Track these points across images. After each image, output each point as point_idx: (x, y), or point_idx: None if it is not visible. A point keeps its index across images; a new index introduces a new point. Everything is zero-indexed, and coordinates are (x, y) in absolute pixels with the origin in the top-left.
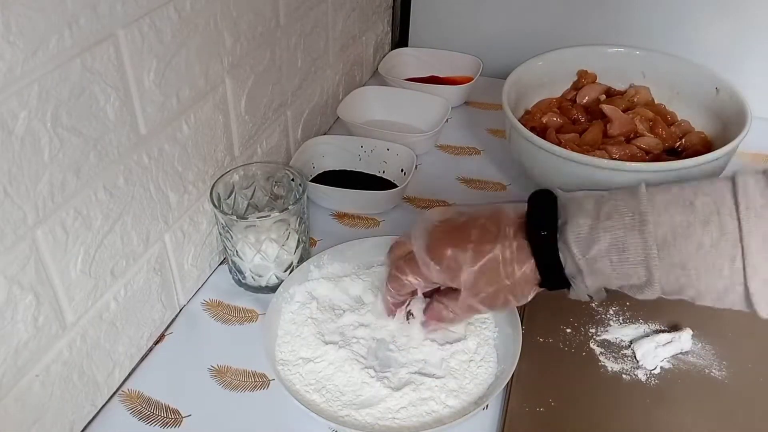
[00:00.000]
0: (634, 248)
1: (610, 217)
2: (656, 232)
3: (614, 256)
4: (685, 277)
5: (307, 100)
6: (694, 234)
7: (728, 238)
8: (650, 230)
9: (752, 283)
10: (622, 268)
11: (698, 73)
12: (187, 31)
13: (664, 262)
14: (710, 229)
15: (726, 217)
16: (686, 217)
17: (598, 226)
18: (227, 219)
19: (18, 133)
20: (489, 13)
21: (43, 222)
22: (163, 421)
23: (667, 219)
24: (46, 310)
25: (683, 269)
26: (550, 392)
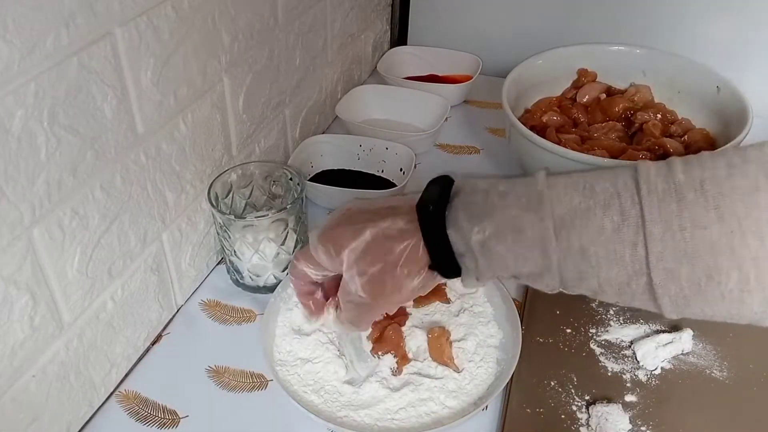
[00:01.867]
0: (530, 228)
1: (504, 197)
2: (553, 213)
3: (509, 236)
4: (585, 263)
5: (306, 98)
6: (594, 217)
7: (630, 223)
8: (547, 209)
9: (655, 272)
10: (517, 250)
11: (699, 72)
12: (184, 29)
13: (562, 246)
14: (611, 213)
15: (627, 200)
16: (585, 199)
17: (490, 202)
18: (225, 218)
19: (14, 132)
20: (488, 11)
21: (39, 221)
22: (160, 422)
23: (566, 201)
24: (42, 311)
25: (583, 255)
26: (549, 393)
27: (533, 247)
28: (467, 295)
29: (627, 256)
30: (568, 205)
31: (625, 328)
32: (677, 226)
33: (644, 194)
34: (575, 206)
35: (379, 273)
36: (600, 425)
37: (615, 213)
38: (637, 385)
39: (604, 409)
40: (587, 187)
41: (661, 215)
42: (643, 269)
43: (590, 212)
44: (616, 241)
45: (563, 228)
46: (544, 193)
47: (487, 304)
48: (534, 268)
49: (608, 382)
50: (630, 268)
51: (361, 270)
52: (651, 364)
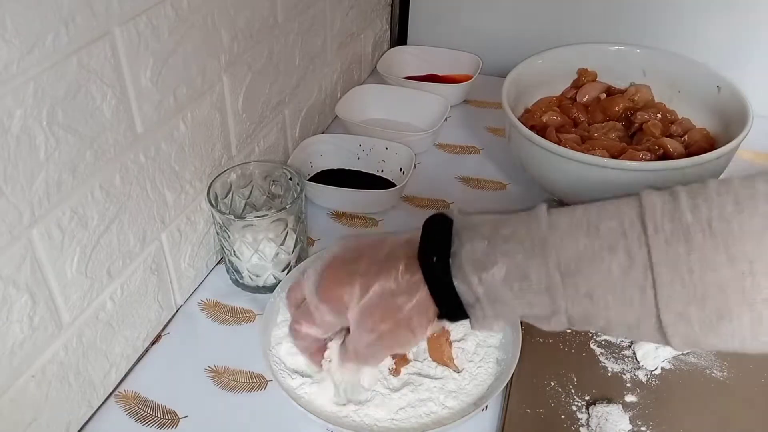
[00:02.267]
0: (536, 275)
1: (508, 240)
2: (559, 258)
3: (515, 284)
4: (593, 306)
5: (305, 98)
6: (601, 261)
7: (638, 267)
8: (552, 257)
9: (665, 315)
10: (524, 297)
11: (699, 72)
12: (184, 28)
13: (569, 291)
14: (618, 256)
15: (634, 242)
16: (591, 242)
17: (494, 249)
18: (224, 218)
19: (13, 132)
20: (488, 11)
21: (38, 221)
22: (159, 422)
23: (571, 244)
24: (41, 311)
25: (591, 299)
26: (549, 393)
27: (539, 294)
28: None
29: (636, 300)
30: (573, 249)
31: None
32: (686, 268)
33: (651, 235)
34: (581, 250)
35: (389, 330)
36: (600, 425)
37: (622, 256)
38: (637, 385)
39: (604, 409)
40: (592, 227)
41: (669, 257)
42: (652, 311)
43: (596, 256)
44: (625, 284)
45: (569, 274)
46: (547, 238)
47: None
48: (542, 312)
49: (608, 383)
50: (639, 310)
51: (371, 328)
52: (651, 365)
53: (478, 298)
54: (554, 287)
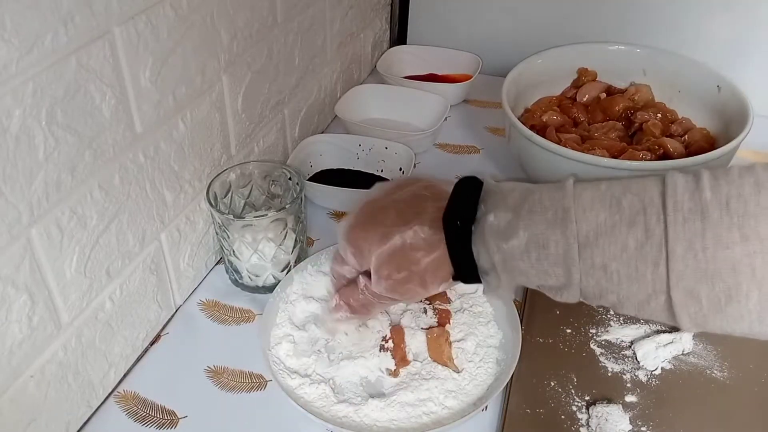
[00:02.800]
0: (554, 245)
1: (532, 211)
2: (579, 230)
3: (533, 252)
4: (606, 280)
5: (305, 98)
6: (618, 235)
7: (653, 242)
8: (572, 228)
9: (675, 292)
10: (540, 266)
11: (700, 71)
12: (183, 28)
13: (586, 263)
14: (635, 230)
15: (652, 218)
16: (611, 216)
17: (518, 220)
18: (224, 218)
19: (13, 132)
20: (488, 10)
21: (37, 221)
22: (159, 423)
23: (591, 217)
24: (40, 311)
25: (605, 271)
26: (549, 393)
27: (556, 264)
28: (467, 295)
29: (648, 275)
30: (594, 221)
31: (626, 328)
32: (700, 245)
33: (670, 212)
34: (601, 223)
35: (403, 279)
36: (600, 426)
37: (639, 231)
38: (637, 385)
39: (604, 409)
40: (614, 202)
41: (685, 234)
42: (663, 288)
43: (615, 229)
44: (639, 259)
45: (587, 245)
46: (570, 208)
47: (487, 304)
48: (555, 283)
49: (608, 383)
50: (650, 286)
51: (387, 275)
52: (651, 365)
53: (494, 265)
54: (570, 258)
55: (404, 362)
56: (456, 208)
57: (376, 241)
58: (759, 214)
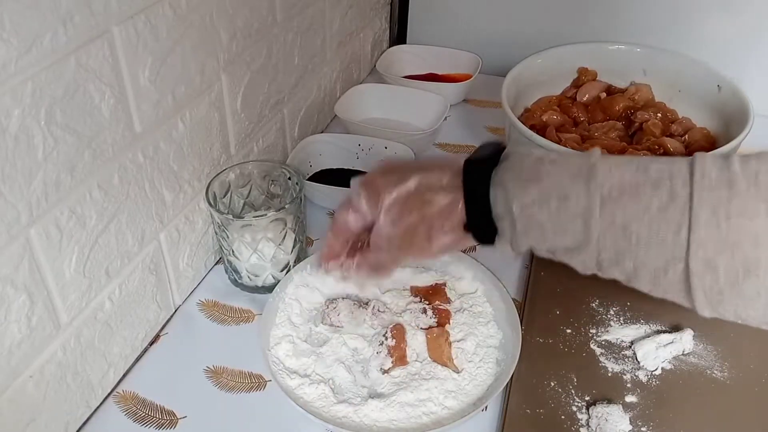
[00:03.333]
0: (575, 197)
1: (555, 163)
2: (602, 185)
3: (553, 203)
4: (625, 241)
5: (304, 97)
6: (642, 195)
7: (677, 205)
8: (597, 181)
9: (693, 260)
10: (558, 219)
11: (700, 71)
12: (182, 28)
13: (606, 220)
14: (660, 192)
15: (678, 182)
16: (636, 177)
17: (541, 168)
18: (223, 218)
19: (12, 131)
20: (488, 10)
21: (37, 221)
22: (158, 423)
23: (617, 174)
24: (39, 311)
25: (624, 231)
26: (549, 394)
27: (575, 218)
28: (467, 295)
29: (669, 238)
30: (618, 179)
31: (626, 329)
32: (723, 214)
33: (697, 179)
34: (625, 181)
35: (413, 222)
36: (600, 426)
37: (664, 193)
38: (637, 385)
39: (605, 409)
40: (641, 167)
41: (711, 200)
42: (682, 255)
43: (639, 189)
44: (661, 220)
45: (609, 201)
46: (597, 164)
47: (487, 305)
48: (572, 242)
49: (608, 383)
50: (669, 252)
51: (397, 216)
52: (651, 365)
53: (510, 210)
54: (591, 211)
55: (402, 362)
56: (478, 155)
57: (392, 183)
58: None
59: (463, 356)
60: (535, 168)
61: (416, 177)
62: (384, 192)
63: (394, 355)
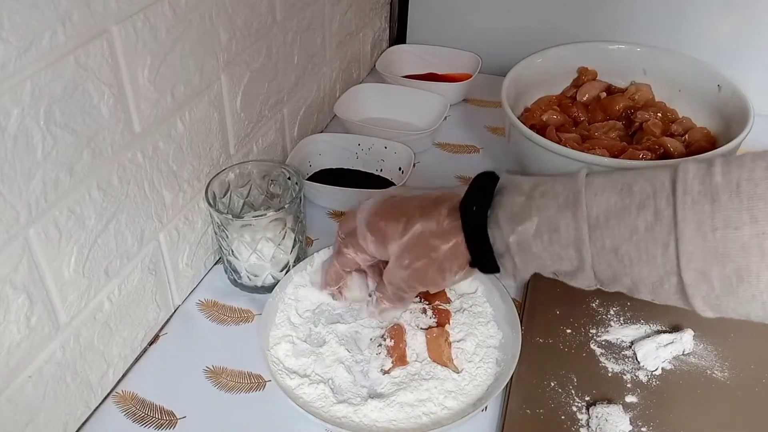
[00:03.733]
0: (565, 228)
1: (544, 195)
2: (589, 213)
3: (545, 235)
4: (617, 263)
5: (304, 97)
6: (628, 217)
7: (663, 224)
8: (582, 210)
9: (686, 273)
10: (552, 249)
11: (700, 70)
12: (181, 27)
13: (596, 246)
14: (645, 213)
15: (662, 201)
16: (622, 199)
17: (531, 204)
18: (222, 218)
19: (10, 131)
20: (488, 9)
21: (35, 221)
22: (157, 423)
23: (602, 200)
24: (38, 311)
25: (616, 254)
26: (549, 394)
27: (568, 247)
28: (467, 295)
29: (659, 256)
30: (604, 204)
31: (626, 329)
32: (709, 227)
33: (679, 195)
34: (611, 206)
35: (423, 266)
36: (600, 426)
37: (649, 213)
38: (637, 385)
39: (605, 410)
40: (625, 187)
41: (694, 216)
42: (674, 269)
43: (625, 212)
44: (648, 240)
45: (597, 228)
46: (581, 192)
47: (487, 305)
48: (569, 267)
49: (608, 383)
50: (662, 268)
51: (407, 263)
52: (652, 365)
53: (508, 247)
54: (581, 240)
55: (402, 362)
56: (473, 196)
57: (398, 231)
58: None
59: (462, 356)
60: (527, 204)
61: (418, 223)
62: (391, 242)
63: (393, 355)
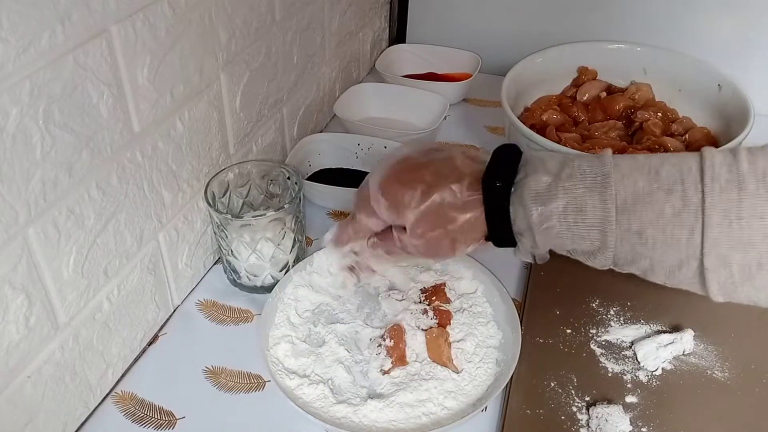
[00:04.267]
0: (592, 209)
1: (571, 177)
2: (617, 195)
3: (570, 215)
4: (640, 245)
5: (303, 97)
6: (656, 201)
7: (690, 209)
8: (611, 192)
9: (708, 258)
10: (577, 229)
11: (701, 70)
12: (181, 26)
13: (621, 228)
14: (673, 198)
15: (690, 187)
16: (650, 183)
17: (557, 184)
18: (222, 218)
19: (9, 131)
20: (488, 9)
21: (35, 221)
22: (156, 423)
23: (630, 183)
24: (38, 311)
25: (640, 236)
26: (549, 394)
27: (592, 228)
28: (467, 295)
29: (683, 240)
30: (632, 187)
31: (626, 329)
32: (735, 214)
33: (707, 182)
34: (639, 189)
35: (438, 236)
36: (600, 426)
37: (677, 199)
38: (637, 386)
39: (605, 410)
40: (652, 171)
41: (722, 203)
42: (696, 254)
43: (653, 196)
44: (675, 224)
45: (624, 210)
46: (610, 174)
47: (487, 305)
48: (589, 247)
49: (609, 383)
50: (684, 252)
51: (422, 232)
52: (652, 365)
53: (530, 226)
54: (607, 222)
55: (402, 362)
56: (496, 170)
57: (415, 198)
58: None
59: (462, 356)
60: (553, 184)
61: (436, 192)
62: (407, 209)
63: (393, 355)
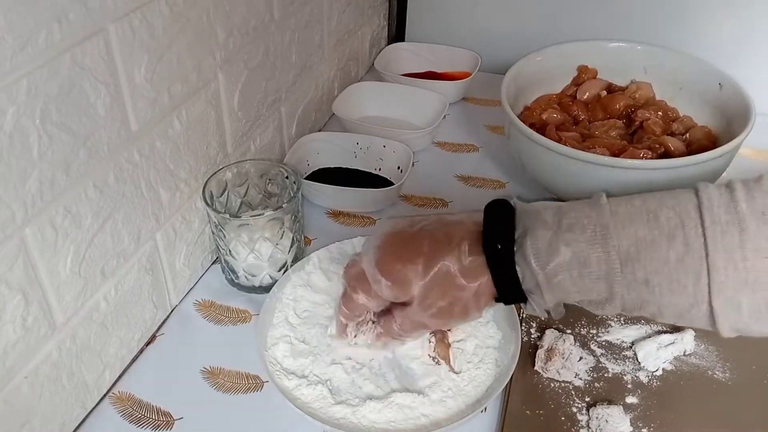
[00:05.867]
0: (596, 262)
1: (571, 229)
2: (619, 246)
3: (575, 270)
4: (648, 293)
5: (302, 95)
6: (658, 249)
7: (694, 256)
8: (613, 244)
9: (716, 301)
10: (582, 283)
11: (701, 69)
12: (178, 25)
13: (627, 278)
14: (675, 244)
15: (691, 231)
16: (650, 231)
17: (558, 238)
18: (220, 217)
19: (6, 130)
20: (487, 7)
21: (31, 220)
22: (154, 424)
23: (631, 233)
24: (34, 311)
25: (647, 285)
26: (549, 395)
27: (598, 280)
28: None
29: (690, 286)
30: (633, 236)
31: (626, 329)
32: (740, 256)
33: (708, 225)
34: (640, 238)
35: (447, 307)
36: (600, 427)
37: (679, 245)
38: (638, 386)
39: (605, 410)
40: (651, 217)
41: (725, 246)
42: (704, 298)
43: (655, 244)
44: (680, 271)
45: (629, 261)
46: (609, 225)
47: None
48: (597, 298)
49: (609, 384)
50: (692, 297)
51: (431, 303)
52: (652, 365)
53: (538, 284)
54: (613, 273)
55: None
56: (493, 231)
57: (418, 271)
58: None
59: (462, 357)
60: (554, 239)
61: (440, 262)
62: (413, 284)
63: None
